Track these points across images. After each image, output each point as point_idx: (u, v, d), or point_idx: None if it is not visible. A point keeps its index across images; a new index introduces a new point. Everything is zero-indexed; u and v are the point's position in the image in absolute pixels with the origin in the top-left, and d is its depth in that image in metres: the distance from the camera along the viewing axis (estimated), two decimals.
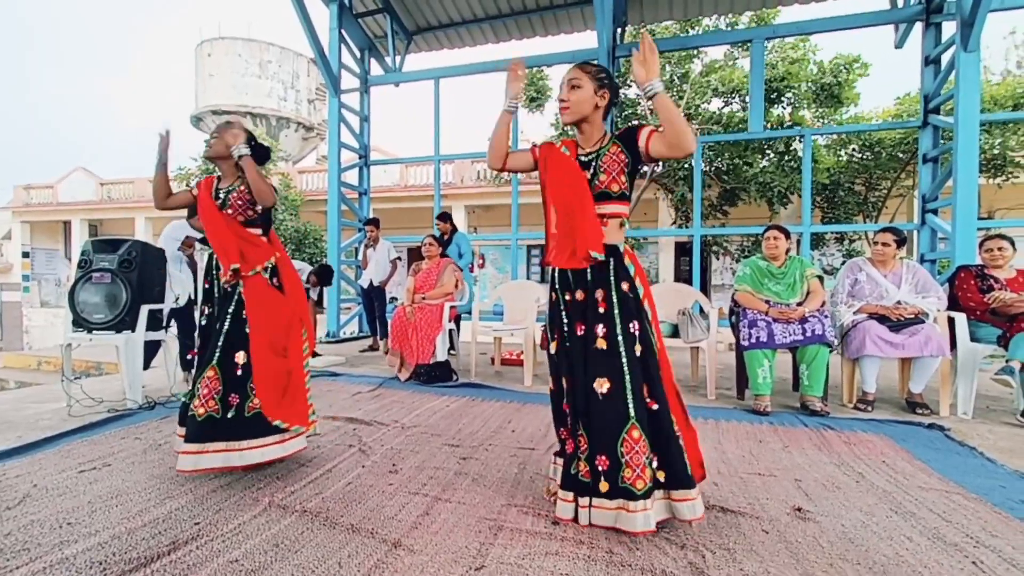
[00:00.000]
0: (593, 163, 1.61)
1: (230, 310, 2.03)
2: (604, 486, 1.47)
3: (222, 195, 2.13)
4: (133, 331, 2.97)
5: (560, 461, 1.70)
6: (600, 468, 1.47)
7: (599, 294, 1.57)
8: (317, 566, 1.32)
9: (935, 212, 5.24)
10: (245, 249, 2.08)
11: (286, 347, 2.09)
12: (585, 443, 1.52)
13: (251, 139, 2.20)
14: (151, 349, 3.45)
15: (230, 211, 2.10)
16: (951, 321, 2.97)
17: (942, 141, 5.29)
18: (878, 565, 1.35)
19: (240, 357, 1.98)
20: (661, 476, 1.51)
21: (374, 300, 5.58)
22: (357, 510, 1.65)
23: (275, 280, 2.13)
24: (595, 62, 1.67)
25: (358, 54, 6.84)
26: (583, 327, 1.58)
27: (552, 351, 1.67)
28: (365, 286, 5.59)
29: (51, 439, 2.38)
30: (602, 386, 1.50)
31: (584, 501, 1.51)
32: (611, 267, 1.59)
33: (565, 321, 1.63)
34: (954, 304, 3.11)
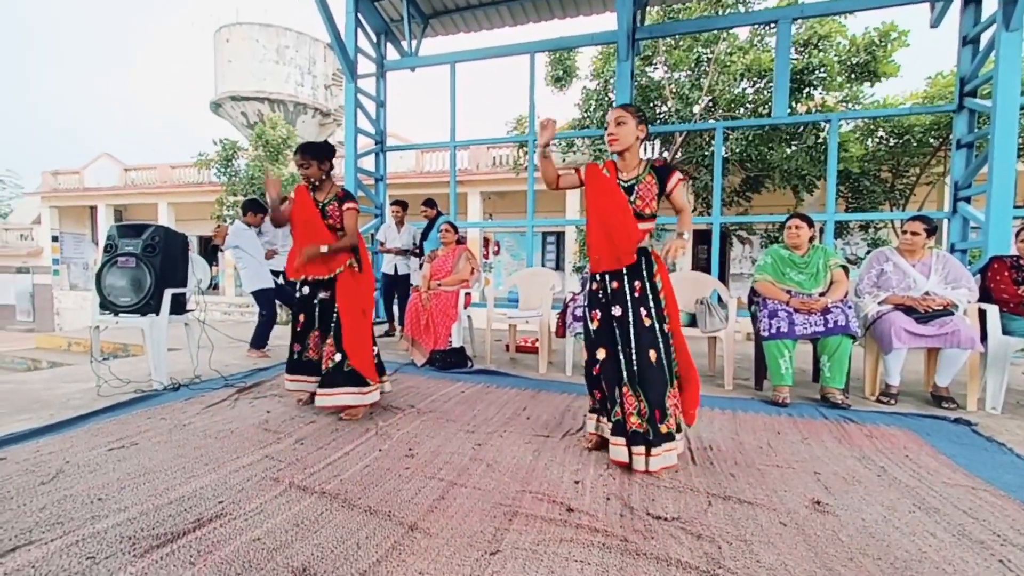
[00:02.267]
0: (634, 188, 2.01)
1: (331, 294, 2.54)
2: (657, 433, 1.87)
3: (320, 203, 2.54)
4: (157, 314, 3.05)
5: (595, 417, 2.13)
6: (656, 420, 1.88)
7: (637, 284, 1.99)
8: (336, 546, 1.35)
9: (967, 200, 5.04)
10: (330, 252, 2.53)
11: (366, 314, 2.61)
12: (635, 402, 1.90)
13: (323, 150, 2.52)
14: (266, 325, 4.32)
15: (330, 221, 2.51)
16: (982, 313, 2.88)
17: (978, 126, 5.05)
18: (900, 561, 1.32)
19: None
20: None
21: (396, 288, 5.58)
22: (374, 493, 1.68)
23: (355, 257, 2.60)
24: (635, 104, 2.11)
25: (374, 38, 6.78)
26: (622, 310, 1.98)
27: (594, 327, 2.06)
28: (390, 272, 5.56)
29: (81, 418, 2.47)
30: (652, 356, 1.91)
31: (640, 450, 1.85)
32: (643, 264, 2.01)
33: (604, 303, 2.03)
34: (986, 296, 3.00)
